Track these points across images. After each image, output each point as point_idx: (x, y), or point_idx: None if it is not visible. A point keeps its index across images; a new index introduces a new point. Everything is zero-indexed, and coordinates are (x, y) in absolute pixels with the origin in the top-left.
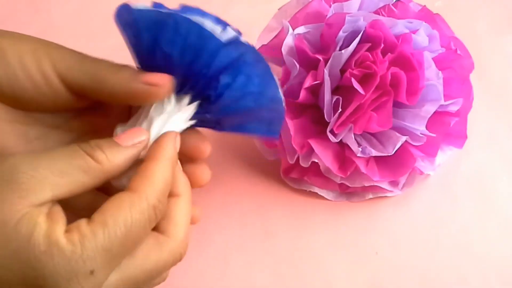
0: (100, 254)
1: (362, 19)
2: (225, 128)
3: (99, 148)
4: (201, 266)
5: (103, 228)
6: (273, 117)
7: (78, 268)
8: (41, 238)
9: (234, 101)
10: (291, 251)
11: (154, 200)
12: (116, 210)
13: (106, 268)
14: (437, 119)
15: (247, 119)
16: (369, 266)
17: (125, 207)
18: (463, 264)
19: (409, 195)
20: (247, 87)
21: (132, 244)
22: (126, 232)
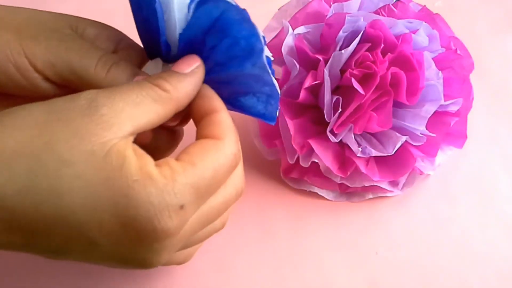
0: (189, 191)
1: (362, 19)
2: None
3: (162, 79)
4: (201, 266)
5: (192, 167)
6: (270, 94)
7: (170, 201)
8: (133, 168)
9: (222, 67)
10: (291, 251)
11: (233, 146)
12: (204, 153)
13: (194, 206)
14: (437, 119)
15: (240, 91)
16: (369, 266)
17: (212, 151)
18: (463, 264)
19: (409, 195)
20: (233, 50)
21: (216, 187)
22: (214, 174)
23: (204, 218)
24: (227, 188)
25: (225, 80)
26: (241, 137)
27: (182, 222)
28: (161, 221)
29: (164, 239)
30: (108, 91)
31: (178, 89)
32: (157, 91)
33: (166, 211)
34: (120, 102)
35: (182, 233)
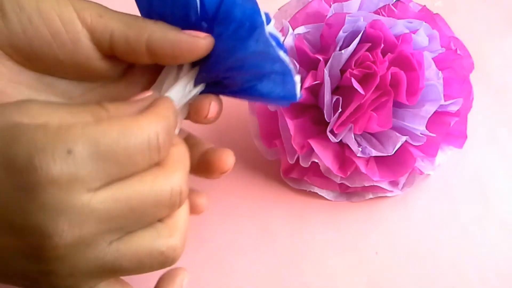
0: (84, 140)
1: (362, 19)
2: (236, 91)
3: (110, 103)
4: (200, 266)
5: (96, 123)
6: (283, 71)
7: (55, 142)
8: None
9: (229, 53)
10: (291, 251)
11: (157, 125)
12: (115, 119)
13: (87, 164)
14: (437, 119)
15: (254, 77)
16: (369, 266)
17: (125, 120)
18: (463, 264)
19: (409, 195)
20: (238, 33)
21: (123, 159)
22: (119, 139)
23: (125, 203)
24: (158, 179)
25: (236, 65)
26: (241, 137)
27: (69, 172)
28: (42, 159)
29: (46, 184)
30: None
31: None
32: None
33: (49, 150)
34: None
35: (88, 207)
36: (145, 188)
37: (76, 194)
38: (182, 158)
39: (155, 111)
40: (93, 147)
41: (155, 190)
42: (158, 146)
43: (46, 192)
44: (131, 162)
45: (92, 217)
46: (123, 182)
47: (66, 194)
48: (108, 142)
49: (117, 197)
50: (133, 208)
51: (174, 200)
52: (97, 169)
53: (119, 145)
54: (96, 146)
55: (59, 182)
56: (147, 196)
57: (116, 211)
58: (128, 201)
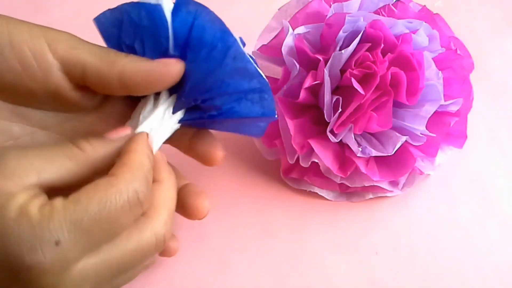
0: (68, 226)
1: (362, 19)
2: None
3: (85, 140)
4: (200, 266)
5: (74, 204)
6: (260, 88)
7: (42, 236)
8: (14, 207)
9: (205, 75)
10: (291, 251)
11: (134, 182)
12: (92, 190)
13: (75, 243)
14: (437, 119)
15: (232, 98)
16: (369, 266)
17: (101, 188)
18: (463, 264)
19: (409, 195)
20: (212, 55)
21: (108, 226)
22: (100, 210)
23: (115, 264)
24: (143, 233)
25: (213, 87)
26: (241, 137)
27: (60, 259)
28: (33, 257)
29: (40, 276)
30: (22, 148)
31: (95, 150)
32: (73, 150)
33: (38, 247)
34: (31, 157)
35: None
36: (132, 246)
37: (69, 272)
38: (165, 200)
39: (129, 165)
40: (77, 227)
41: (142, 245)
42: (139, 202)
43: (42, 281)
44: (117, 225)
45: (87, 280)
46: (111, 244)
47: (60, 276)
48: (90, 216)
49: (107, 259)
50: (123, 266)
51: (160, 246)
52: (85, 244)
53: (102, 216)
54: (80, 225)
55: (53, 270)
56: (135, 252)
57: (107, 272)
58: (118, 260)
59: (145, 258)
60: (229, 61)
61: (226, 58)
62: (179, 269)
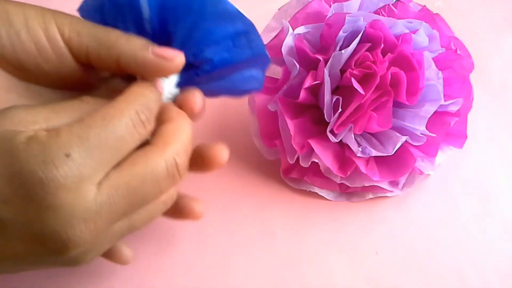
0: (76, 140)
1: (362, 19)
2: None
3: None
4: (201, 266)
5: (79, 122)
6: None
7: (52, 151)
8: (24, 134)
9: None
10: (291, 251)
11: (134, 104)
12: (94, 111)
13: (85, 158)
14: (437, 119)
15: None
16: (369, 266)
17: (103, 109)
18: (463, 264)
19: (409, 195)
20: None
21: (114, 142)
22: (104, 125)
23: (125, 187)
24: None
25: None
26: (241, 137)
27: (73, 172)
28: (45, 170)
29: (54, 191)
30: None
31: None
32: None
33: (49, 160)
34: (40, 108)
35: (96, 199)
36: (140, 169)
37: (84, 193)
38: (176, 132)
39: (129, 91)
40: (85, 143)
41: (150, 168)
42: (141, 121)
43: (57, 198)
44: (122, 144)
45: (102, 210)
46: (119, 169)
47: (75, 195)
48: (95, 133)
49: (118, 185)
50: (135, 190)
51: (172, 172)
52: (95, 161)
53: (107, 133)
54: (87, 141)
55: (67, 185)
56: (144, 175)
57: (121, 198)
58: (128, 185)
59: (157, 182)
60: (209, 7)
61: (205, 5)
62: (179, 269)
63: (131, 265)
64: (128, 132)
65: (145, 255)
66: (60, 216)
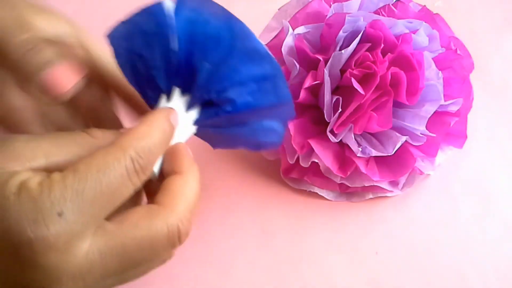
0: (69, 195)
1: (362, 19)
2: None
3: (98, 129)
4: (201, 266)
5: (73, 172)
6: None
7: (44, 209)
8: (15, 183)
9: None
10: (291, 251)
11: (130, 150)
12: (89, 158)
13: (79, 214)
14: (437, 119)
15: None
16: (369, 266)
17: (98, 155)
18: (463, 264)
19: (409, 195)
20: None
21: (109, 192)
22: (100, 177)
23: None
24: (153, 221)
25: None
26: None
27: (64, 231)
28: (35, 230)
29: (43, 252)
30: (34, 135)
31: (107, 138)
32: (84, 137)
33: (41, 220)
34: (40, 141)
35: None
36: (140, 233)
37: (75, 251)
38: (184, 192)
39: (135, 131)
40: (79, 196)
41: (151, 233)
42: (136, 171)
43: (47, 258)
44: (116, 197)
45: (93, 268)
46: (119, 226)
47: (66, 254)
48: (90, 187)
49: (114, 245)
50: (130, 254)
51: (173, 241)
52: (88, 217)
53: (101, 186)
54: (82, 193)
55: (57, 245)
56: (142, 241)
57: (114, 258)
58: (123, 247)
59: (155, 250)
60: (238, 43)
61: (235, 41)
62: (179, 269)
63: None
64: (123, 183)
65: None
66: (48, 275)
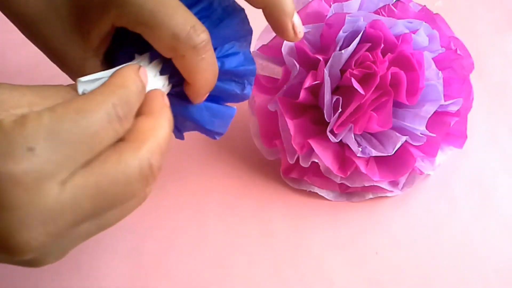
0: (43, 133)
1: (362, 19)
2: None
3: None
4: (200, 266)
5: (50, 111)
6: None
7: (14, 142)
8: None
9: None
10: (291, 251)
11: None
12: (68, 102)
13: (52, 154)
14: (437, 119)
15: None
16: (369, 266)
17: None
18: (463, 264)
19: (409, 195)
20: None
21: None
22: (77, 119)
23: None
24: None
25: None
26: (241, 137)
27: (34, 169)
28: (3, 165)
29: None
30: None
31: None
32: (69, 91)
33: (11, 154)
34: (25, 91)
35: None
36: (111, 168)
37: (45, 192)
38: (152, 128)
39: (109, 82)
40: (53, 137)
41: (122, 168)
42: (118, 117)
43: (13, 197)
44: (95, 141)
45: (64, 211)
46: (89, 167)
47: (34, 194)
48: (67, 127)
49: (85, 184)
50: (104, 191)
51: (146, 174)
52: (62, 158)
53: (79, 127)
54: (57, 135)
55: (26, 182)
56: (115, 176)
57: (88, 199)
58: (97, 185)
59: (129, 184)
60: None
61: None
62: (179, 269)
63: (132, 265)
64: (103, 127)
65: (146, 255)
66: (16, 216)
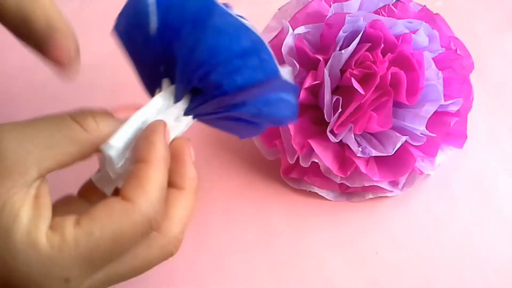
0: (79, 263)
1: (362, 19)
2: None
3: (91, 116)
4: (201, 266)
5: (87, 237)
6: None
7: (52, 274)
8: (19, 234)
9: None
10: (291, 251)
11: (149, 211)
12: (106, 218)
13: (83, 277)
14: (437, 119)
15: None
16: (369, 266)
17: (116, 216)
18: (463, 264)
19: (409, 195)
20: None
21: (119, 254)
22: (113, 244)
23: (119, 277)
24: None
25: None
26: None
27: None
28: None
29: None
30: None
31: (101, 130)
32: (76, 132)
33: (48, 284)
34: (29, 144)
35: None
36: (139, 263)
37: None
38: (182, 213)
39: (144, 187)
40: (88, 261)
41: (148, 260)
42: (151, 229)
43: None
44: (124, 249)
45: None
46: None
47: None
48: (100, 253)
49: (113, 273)
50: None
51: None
52: (91, 273)
53: (114, 246)
54: (91, 259)
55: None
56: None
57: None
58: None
59: (147, 270)
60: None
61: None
62: (179, 269)
63: None
64: (135, 241)
65: None
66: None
